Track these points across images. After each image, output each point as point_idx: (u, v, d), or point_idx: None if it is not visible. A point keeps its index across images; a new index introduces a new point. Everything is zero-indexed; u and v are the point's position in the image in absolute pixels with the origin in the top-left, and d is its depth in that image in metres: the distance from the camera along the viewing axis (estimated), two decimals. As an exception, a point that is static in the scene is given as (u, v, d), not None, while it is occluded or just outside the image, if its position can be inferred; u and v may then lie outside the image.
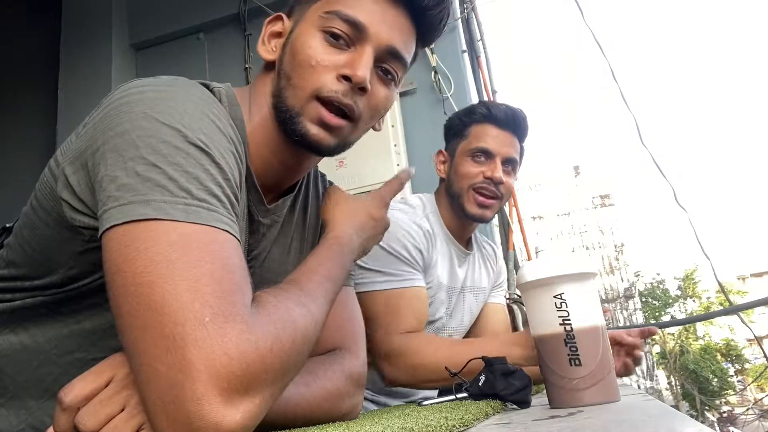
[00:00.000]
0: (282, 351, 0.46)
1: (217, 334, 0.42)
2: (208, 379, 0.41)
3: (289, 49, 0.66)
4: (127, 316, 0.45)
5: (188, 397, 0.41)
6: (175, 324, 0.42)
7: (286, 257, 0.77)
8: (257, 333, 0.44)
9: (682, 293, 21.36)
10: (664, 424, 0.43)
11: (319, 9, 0.65)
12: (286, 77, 0.65)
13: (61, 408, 0.46)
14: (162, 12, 2.54)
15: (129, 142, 0.49)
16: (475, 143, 1.29)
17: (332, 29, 0.63)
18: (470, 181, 1.27)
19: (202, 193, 0.49)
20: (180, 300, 0.43)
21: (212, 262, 0.45)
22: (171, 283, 0.43)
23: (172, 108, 0.52)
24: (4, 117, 2.61)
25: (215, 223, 0.48)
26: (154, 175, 0.48)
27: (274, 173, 0.70)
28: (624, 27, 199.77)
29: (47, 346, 0.64)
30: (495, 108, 1.31)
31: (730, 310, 2.01)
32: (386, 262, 1.17)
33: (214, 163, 0.51)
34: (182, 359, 0.41)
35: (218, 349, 0.42)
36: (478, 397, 0.79)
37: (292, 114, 0.64)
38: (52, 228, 0.58)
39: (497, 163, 1.27)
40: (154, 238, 0.45)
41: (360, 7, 0.64)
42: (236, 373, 0.42)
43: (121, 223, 0.46)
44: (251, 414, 0.43)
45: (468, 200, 1.28)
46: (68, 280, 0.60)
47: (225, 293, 0.45)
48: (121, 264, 0.45)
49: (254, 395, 0.44)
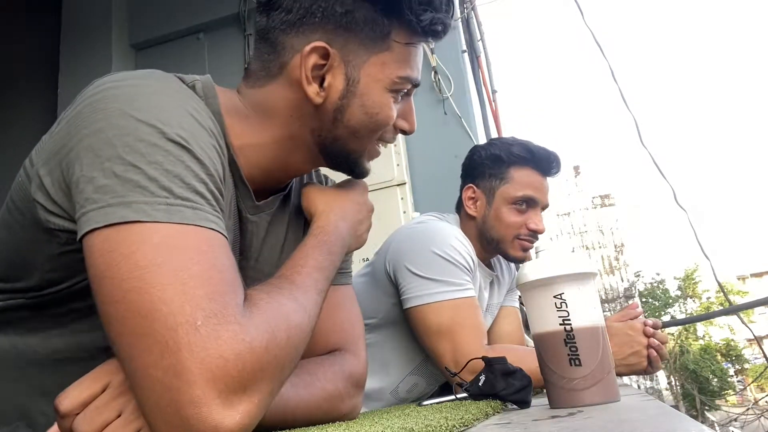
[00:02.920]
0: (278, 348, 0.46)
1: (211, 336, 0.42)
2: (205, 383, 0.41)
3: (359, 105, 0.64)
4: (117, 323, 0.44)
5: (186, 402, 0.41)
6: (167, 329, 0.42)
7: (278, 256, 0.75)
8: (251, 333, 0.44)
9: (682, 293, 21.35)
10: (664, 424, 0.43)
11: (387, 67, 0.64)
12: (351, 130, 0.66)
13: (59, 415, 0.46)
14: (162, 12, 2.54)
15: (105, 141, 0.48)
16: (521, 191, 1.27)
17: (402, 90, 0.67)
18: (515, 232, 1.27)
19: (185, 191, 0.47)
20: (170, 304, 0.42)
21: (200, 263, 0.45)
22: (159, 287, 0.43)
23: (148, 103, 0.50)
24: (4, 117, 2.61)
25: (200, 222, 0.47)
26: (132, 175, 0.46)
27: (271, 179, 0.70)
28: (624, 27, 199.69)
29: (35, 346, 0.63)
30: (537, 151, 1.29)
31: (730, 310, 2.01)
32: (445, 270, 1.15)
33: (195, 158, 0.50)
34: (177, 364, 0.41)
35: (213, 352, 0.41)
36: (478, 397, 0.79)
37: (355, 157, 0.70)
38: (27, 230, 0.56)
39: (539, 213, 1.28)
40: (137, 241, 0.44)
41: (416, 67, 0.69)
42: (233, 374, 0.42)
43: (101, 227, 0.45)
44: (250, 413, 0.43)
45: (512, 248, 1.28)
46: (47, 284, 0.58)
47: (216, 294, 0.44)
48: (106, 270, 0.44)
49: (252, 394, 0.44)
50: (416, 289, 1.14)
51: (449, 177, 1.59)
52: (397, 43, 0.64)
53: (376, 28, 0.63)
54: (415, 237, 1.22)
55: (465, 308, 1.13)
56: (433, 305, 1.13)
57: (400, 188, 2.04)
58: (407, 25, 0.64)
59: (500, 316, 1.45)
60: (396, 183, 2.04)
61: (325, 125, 0.65)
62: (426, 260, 1.16)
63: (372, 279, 1.27)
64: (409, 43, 0.65)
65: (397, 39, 0.64)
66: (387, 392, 1.26)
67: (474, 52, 2.49)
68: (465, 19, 2.40)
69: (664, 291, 21.73)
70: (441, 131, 2.12)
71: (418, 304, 1.14)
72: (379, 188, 2.02)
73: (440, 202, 1.71)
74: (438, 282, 1.14)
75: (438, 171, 2.07)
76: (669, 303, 21.25)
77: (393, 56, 0.64)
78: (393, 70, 0.65)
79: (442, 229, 1.23)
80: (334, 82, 0.63)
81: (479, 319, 1.15)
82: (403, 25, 0.64)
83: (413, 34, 0.65)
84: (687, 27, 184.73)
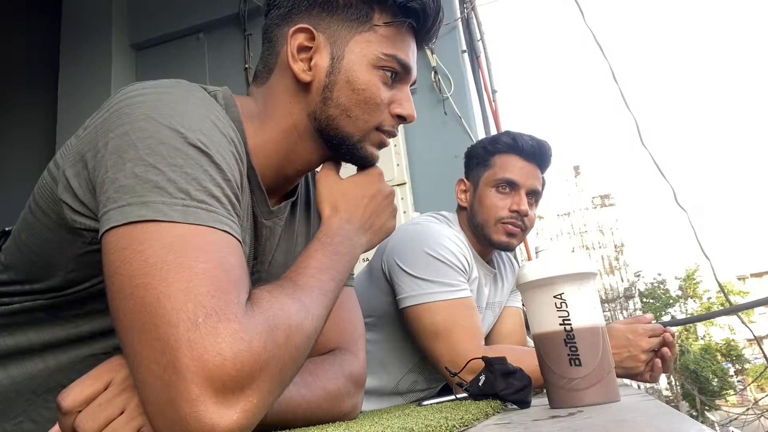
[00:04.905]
0: (277, 348, 0.46)
1: (210, 334, 0.42)
2: (202, 381, 0.41)
3: (344, 81, 0.67)
4: (124, 318, 0.45)
5: (183, 399, 0.41)
6: (169, 325, 0.42)
7: (291, 261, 0.76)
8: (250, 332, 0.44)
9: (683, 293, 21.34)
10: (664, 424, 0.43)
11: (371, 45, 0.67)
12: (341, 108, 0.67)
13: (61, 412, 0.46)
14: (162, 12, 2.54)
15: (129, 144, 0.50)
16: (501, 174, 1.28)
17: (390, 71, 0.69)
18: (497, 215, 1.26)
19: (201, 194, 0.49)
20: (174, 301, 0.43)
21: (206, 262, 0.45)
22: (165, 284, 0.43)
23: (172, 110, 0.52)
24: (4, 117, 2.61)
25: (213, 224, 0.48)
26: (152, 176, 0.48)
27: (281, 178, 0.72)
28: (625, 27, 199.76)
29: (43, 348, 0.64)
30: (520, 138, 1.29)
31: (730, 310, 2.01)
32: (439, 271, 1.15)
33: (213, 164, 0.52)
34: (176, 361, 0.41)
35: (211, 350, 0.42)
36: (478, 397, 0.79)
37: (353, 142, 0.70)
38: (52, 230, 0.58)
39: (522, 195, 1.27)
40: (150, 239, 0.45)
41: (405, 51, 0.70)
42: (230, 373, 0.42)
43: (119, 225, 0.46)
44: (249, 413, 0.43)
45: (495, 231, 1.27)
46: (67, 284, 0.60)
47: (219, 292, 0.44)
48: (119, 266, 0.46)
49: (251, 394, 0.44)
50: (410, 289, 1.15)
51: (449, 177, 1.59)
52: (379, 25, 0.68)
53: (358, 12, 0.68)
54: (409, 238, 1.23)
55: (460, 309, 1.13)
56: (427, 305, 1.13)
57: (400, 188, 2.04)
58: (386, 6, 0.68)
59: (503, 316, 1.45)
60: (396, 183, 2.04)
61: (317, 105, 0.68)
62: (419, 261, 1.16)
63: (369, 277, 1.28)
64: (390, 22, 0.68)
65: (379, 21, 0.68)
66: (388, 390, 1.26)
67: (474, 52, 2.48)
68: (465, 19, 2.39)
69: (664, 291, 21.72)
70: (441, 131, 2.12)
71: (413, 304, 1.14)
72: (379, 188, 2.01)
73: (440, 202, 1.71)
74: (432, 282, 1.14)
75: (438, 171, 2.07)
76: (669, 303, 21.24)
77: (376, 36, 0.68)
78: (377, 47, 0.68)
79: (436, 230, 1.23)
80: (320, 61, 0.67)
81: (474, 319, 1.15)
82: (383, 7, 0.68)
83: (393, 14, 0.68)
84: (687, 27, 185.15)
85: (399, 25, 0.68)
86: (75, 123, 0.60)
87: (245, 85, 2.33)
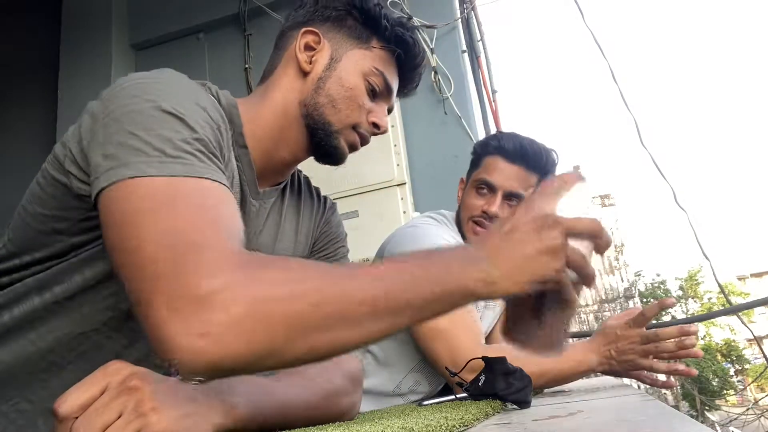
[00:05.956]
0: (275, 301, 0.45)
1: (191, 262, 0.46)
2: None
3: (337, 78, 0.77)
4: (118, 257, 0.50)
5: (157, 320, 0.44)
6: (151, 261, 0.47)
7: (273, 244, 0.81)
8: (224, 269, 0.46)
9: (683, 293, 21.34)
10: (664, 424, 0.43)
11: (366, 59, 0.79)
12: (329, 98, 0.77)
13: (57, 419, 0.46)
14: (162, 12, 2.54)
15: (114, 119, 0.56)
16: (482, 174, 1.30)
17: (375, 86, 0.79)
18: (470, 213, 1.29)
19: (175, 151, 0.54)
20: (155, 243, 0.47)
21: (187, 207, 0.50)
22: (145, 228, 0.48)
23: (153, 88, 0.59)
24: (5, 117, 2.61)
25: (189, 173, 0.53)
26: (132, 141, 0.54)
27: (270, 162, 0.77)
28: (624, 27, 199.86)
29: (34, 328, 0.66)
30: (505, 140, 1.30)
31: (730, 310, 2.01)
32: None
33: (187, 126, 0.57)
34: (155, 289, 0.45)
35: (194, 275, 0.45)
36: (478, 397, 0.79)
37: (331, 130, 0.77)
38: (58, 199, 0.63)
39: (497, 197, 1.27)
40: (131, 193, 0.51)
41: (391, 74, 0.82)
42: (198, 293, 0.44)
43: (106, 186, 0.52)
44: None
45: (468, 230, 1.30)
46: (70, 248, 0.65)
47: (196, 230, 0.48)
48: (107, 221, 0.52)
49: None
50: None
51: (449, 177, 1.59)
52: (375, 47, 0.80)
53: (360, 33, 0.80)
54: (404, 239, 1.24)
55: (463, 312, 1.13)
56: None
57: (400, 188, 2.04)
58: (383, 35, 0.80)
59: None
60: (396, 183, 2.03)
61: (309, 93, 0.77)
62: None
63: None
64: (384, 46, 0.80)
65: (376, 44, 0.80)
66: (390, 391, 1.26)
67: (474, 53, 2.48)
68: (465, 19, 2.39)
69: (665, 291, 21.72)
70: (441, 131, 2.12)
71: None
72: (379, 188, 2.02)
73: (440, 202, 1.71)
74: None
75: (438, 171, 2.07)
76: (669, 303, 21.18)
77: (371, 54, 0.80)
78: (370, 62, 0.79)
79: (432, 233, 1.23)
80: (320, 58, 0.78)
81: (474, 319, 1.14)
82: (381, 35, 0.80)
83: (387, 41, 0.81)
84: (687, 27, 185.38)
85: (390, 52, 0.80)
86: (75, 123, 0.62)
87: (245, 85, 2.33)
